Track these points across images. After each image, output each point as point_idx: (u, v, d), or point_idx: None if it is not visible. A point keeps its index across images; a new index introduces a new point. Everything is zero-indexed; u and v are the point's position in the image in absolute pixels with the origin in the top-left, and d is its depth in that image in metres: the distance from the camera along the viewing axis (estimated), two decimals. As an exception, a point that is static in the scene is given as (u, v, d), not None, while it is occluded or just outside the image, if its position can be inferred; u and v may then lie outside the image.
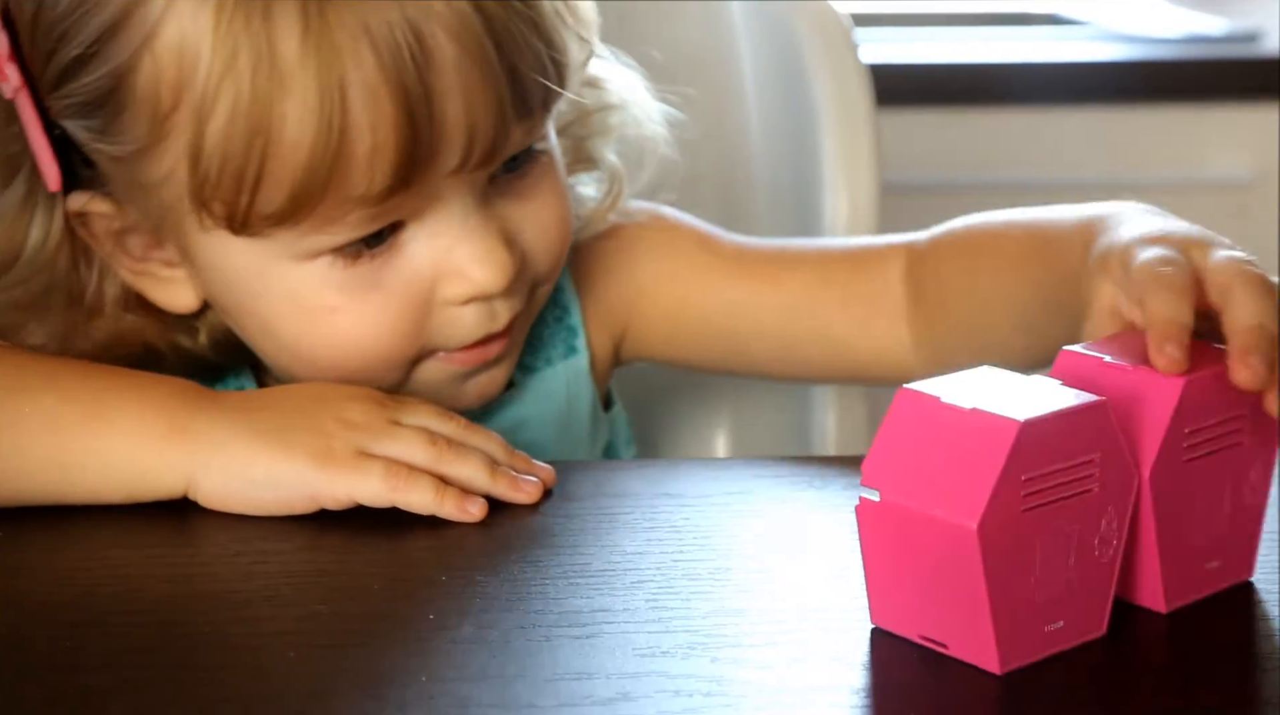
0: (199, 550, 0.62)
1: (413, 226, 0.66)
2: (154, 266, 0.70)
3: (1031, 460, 0.49)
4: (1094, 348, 0.56)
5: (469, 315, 0.68)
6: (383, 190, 0.63)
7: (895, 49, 1.73)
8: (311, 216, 0.63)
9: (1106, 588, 0.53)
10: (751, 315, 0.81)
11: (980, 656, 0.51)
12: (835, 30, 0.96)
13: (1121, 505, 0.52)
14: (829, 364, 0.82)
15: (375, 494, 0.62)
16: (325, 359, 0.68)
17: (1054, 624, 0.51)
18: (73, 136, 0.66)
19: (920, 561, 0.51)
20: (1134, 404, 0.53)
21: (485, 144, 0.64)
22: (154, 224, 0.67)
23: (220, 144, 0.62)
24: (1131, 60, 1.76)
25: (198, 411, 0.64)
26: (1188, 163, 1.74)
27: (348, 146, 0.61)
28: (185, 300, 0.70)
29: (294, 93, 0.61)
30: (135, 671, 0.51)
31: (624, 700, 0.49)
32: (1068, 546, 0.51)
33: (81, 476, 0.63)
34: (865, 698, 0.50)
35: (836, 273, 0.80)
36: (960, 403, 0.50)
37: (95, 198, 0.68)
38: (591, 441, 0.81)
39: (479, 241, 0.67)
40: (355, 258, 0.66)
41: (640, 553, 0.59)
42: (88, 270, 0.70)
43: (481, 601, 0.55)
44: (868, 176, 0.95)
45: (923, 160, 1.68)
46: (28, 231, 0.68)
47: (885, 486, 0.51)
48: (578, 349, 0.80)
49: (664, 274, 0.81)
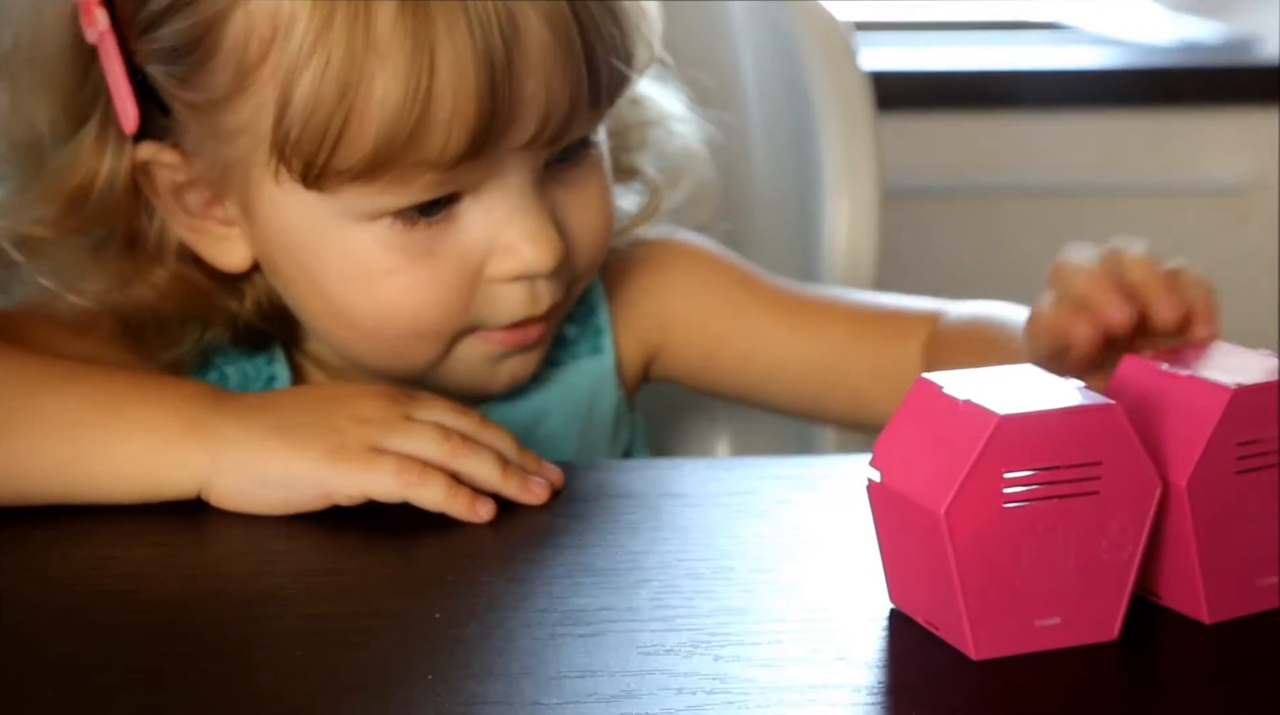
0: (207, 549, 0.62)
1: (469, 200, 0.68)
2: (210, 224, 0.71)
3: (1015, 455, 0.50)
4: (1156, 356, 0.56)
5: (514, 294, 0.70)
6: (455, 156, 0.64)
7: (896, 55, 1.73)
8: (385, 176, 0.65)
9: (1119, 592, 0.53)
10: (784, 367, 0.82)
11: (959, 640, 0.52)
12: (835, 37, 0.96)
13: (1139, 511, 0.52)
14: (856, 421, 0.84)
15: (388, 489, 0.62)
16: (373, 322, 0.69)
17: (1048, 620, 0.52)
18: (154, 82, 0.68)
19: (913, 543, 0.52)
20: (1181, 411, 0.53)
21: (557, 124, 0.66)
22: (219, 176, 0.69)
23: (308, 101, 0.63)
24: (1130, 66, 1.77)
25: (213, 411, 0.64)
26: (1186, 168, 1.75)
27: (430, 111, 0.63)
28: (237, 259, 0.71)
29: (386, 57, 0.63)
30: (143, 670, 0.51)
31: (628, 698, 0.49)
32: (1063, 545, 0.51)
33: (95, 474, 0.64)
34: (868, 696, 0.50)
35: (869, 336, 0.81)
36: (957, 394, 0.51)
37: (164, 148, 0.69)
38: (612, 442, 0.82)
39: (532, 220, 0.68)
40: (413, 223, 0.67)
41: (644, 552, 0.60)
42: (148, 219, 0.71)
43: (487, 600, 0.56)
44: (869, 183, 0.95)
45: (923, 166, 1.68)
46: (96, 174, 0.69)
47: (886, 469, 0.53)
48: (603, 348, 0.81)
49: (703, 308, 0.82)
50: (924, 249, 0.88)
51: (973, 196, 1.73)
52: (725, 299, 0.83)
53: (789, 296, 0.83)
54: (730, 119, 0.98)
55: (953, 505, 0.50)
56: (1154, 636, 0.54)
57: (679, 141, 0.80)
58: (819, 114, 0.95)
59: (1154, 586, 0.55)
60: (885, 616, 0.55)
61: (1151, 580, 0.55)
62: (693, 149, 0.81)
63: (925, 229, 1.63)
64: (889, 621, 0.54)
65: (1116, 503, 0.52)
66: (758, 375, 0.83)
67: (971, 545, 0.50)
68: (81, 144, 0.69)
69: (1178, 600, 0.55)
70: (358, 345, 0.72)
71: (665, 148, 0.80)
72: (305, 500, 0.63)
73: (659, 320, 0.83)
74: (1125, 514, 0.52)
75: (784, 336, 0.82)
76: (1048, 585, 0.52)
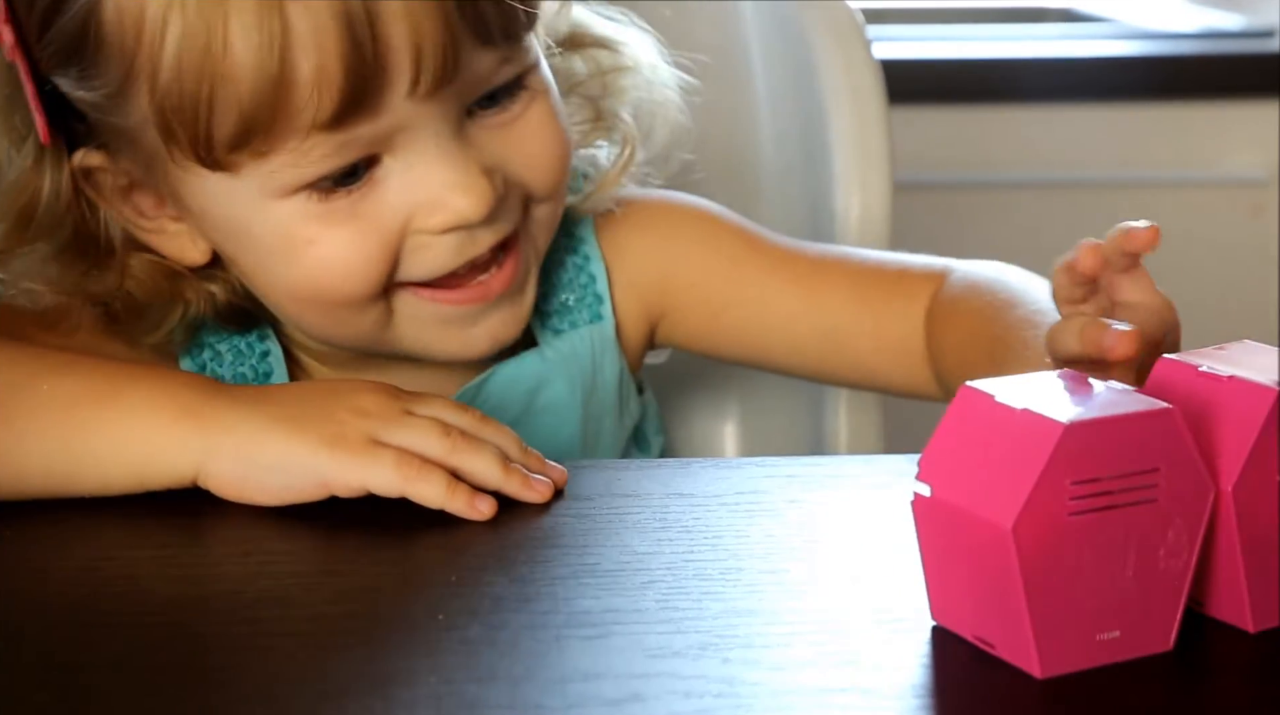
0: (208, 550, 0.62)
1: (388, 161, 0.68)
2: (164, 222, 0.72)
3: (1080, 464, 0.48)
4: (1191, 356, 0.55)
5: (445, 243, 0.70)
6: (333, 115, 0.64)
7: (908, 46, 1.72)
8: (273, 146, 0.65)
9: (1174, 601, 0.51)
10: (789, 329, 0.82)
11: (1022, 659, 0.50)
12: (847, 27, 0.95)
13: (1193, 517, 0.51)
14: (860, 381, 0.85)
15: (387, 483, 0.62)
16: (307, 294, 0.70)
17: (1108, 633, 0.50)
18: (62, 90, 0.68)
19: (966, 558, 0.51)
20: (1223, 414, 0.52)
21: (435, 66, 0.65)
22: (145, 173, 0.70)
23: (173, 69, 0.64)
24: (1147, 56, 1.76)
25: (210, 398, 0.64)
26: (1203, 160, 1.74)
27: (290, 69, 0.63)
28: (197, 253, 0.72)
29: (234, 16, 0.63)
30: (143, 672, 0.51)
31: (634, 701, 0.48)
32: (1123, 555, 0.50)
33: (91, 458, 0.63)
34: (879, 700, 0.49)
35: (873, 299, 0.81)
36: (1013, 403, 0.50)
37: (90, 152, 0.70)
38: (619, 415, 0.82)
39: (455, 169, 0.68)
40: (330, 193, 0.68)
41: (651, 553, 0.59)
42: (96, 221, 0.72)
43: (491, 602, 0.55)
44: (880, 174, 0.95)
45: (936, 158, 1.68)
46: (40, 189, 0.70)
47: (936, 482, 0.51)
48: (603, 316, 0.81)
49: (707, 269, 0.83)
50: (937, 243, 0.87)
51: (987, 190, 1.72)
52: (729, 259, 0.83)
53: (794, 256, 0.83)
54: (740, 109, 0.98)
55: (1021, 518, 0.48)
56: (1204, 645, 0.52)
57: (654, 87, 0.80)
58: (830, 105, 0.94)
59: (1196, 594, 0.54)
60: (895, 619, 0.54)
61: (1195, 588, 0.53)
62: (666, 94, 0.81)
63: (937, 222, 1.62)
64: (899, 624, 0.54)
65: (1172, 509, 0.50)
66: (762, 337, 0.83)
67: (1036, 559, 0.49)
68: (24, 162, 0.70)
69: (1221, 608, 0.53)
70: (307, 319, 0.73)
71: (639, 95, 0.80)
72: (302, 489, 0.62)
73: (662, 283, 0.83)
74: (1180, 521, 0.51)
75: (789, 298, 0.82)
76: (1108, 597, 0.50)
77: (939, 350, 0.79)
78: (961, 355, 0.77)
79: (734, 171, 1.00)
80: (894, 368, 0.81)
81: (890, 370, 0.81)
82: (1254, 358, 0.55)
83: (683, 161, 0.82)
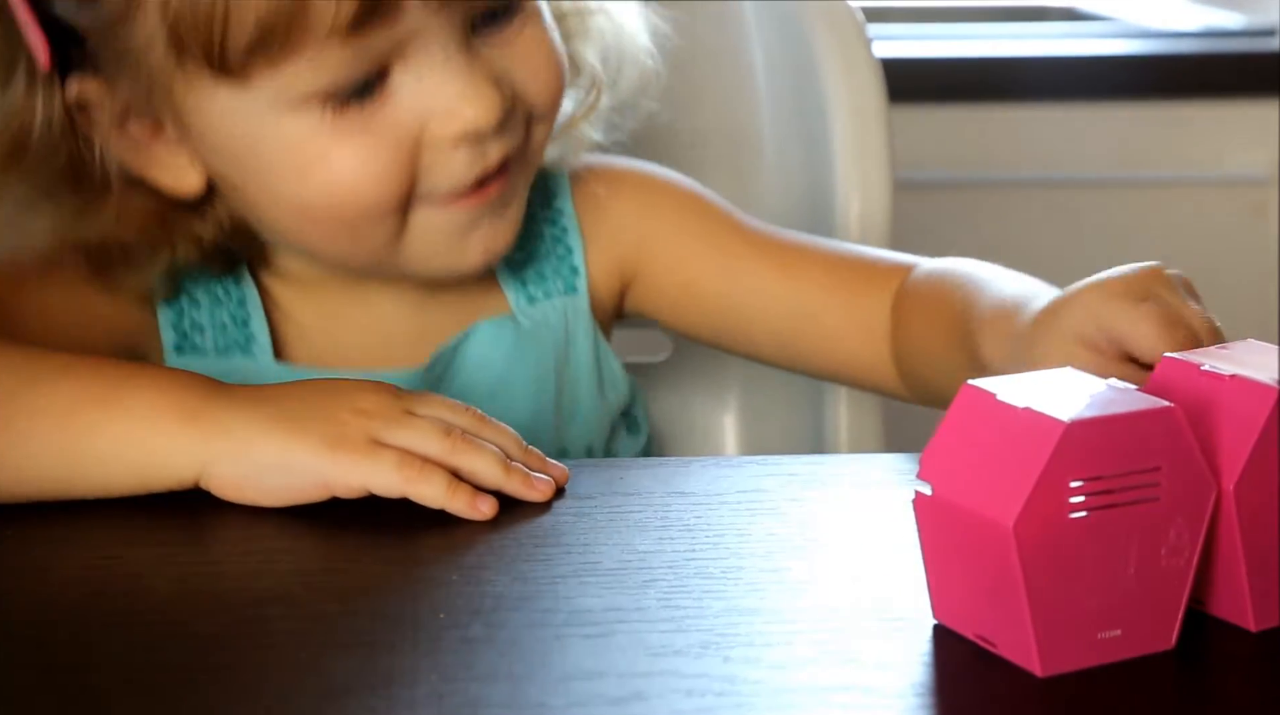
0: (209, 549, 0.62)
1: (399, 72, 0.68)
2: (159, 152, 0.72)
3: (1081, 463, 0.48)
4: (1193, 354, 0.55)
5: (460, 156, 0.70)
6: (351, 19, 0.65)
7: (909, 44, 1.72)
8: (289, 54, 0.65)
9: (1176, 600, 0.51)
10: (760, 307, 0.83)
11: (1023, 657, 0.50)
12: (848, 25, 0.95)
13: (1195, 516, 0.51)
14: (825, 366, 0.85)
15: (388, 483, 0.62)
16: (322, 209, 0.70)
17: (1109, 632, 0.50)
18: (60, 16, 0.68)
19: (967, 557, 0.51)
20: (1225, 413, 0.52)
21: None
22: (145, 97, 0.69)
23: None
24: (1148, 55, 1.75)
25: (210, 400, 0.64)
26: (1206, 159, 1.73)
27: None
28: (192, 182, 0.72)
29: None
30: (145, 671, 0.51)
31: (636, 700, 0.48)
32: (1125, 554, 0.50)
33: (92, 461, 0.63)
34: (880, 698, 0.49)
35: (843, 285, 0.82)
36: (1014, 401, 0.50)
37: (88, 79, 0.70)
38: (598, 388, 0.82)
39: (465, 79, 0.69)
40: (344, 105, 0.68)
41: (652, 551, 0.59)
42: (90, 153, 0.71)
43: (492, 601, 0.55)
44: (880, 173, 0.95)
45: (936, 156, 1.68)
46: (33, 118, 0.70)
47: (937, 480, 0.51)
48: (578, 289, 0.82)
49: (684, 240, 0.84)
50: (937, 242, 0.87)
51: (988, 189, 1.72)
52: (706, 233, 0.84)
53: (769, 238, 0.84)
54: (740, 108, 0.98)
55: (1021, 517, 0.48)
56: (1205, 644, 0.52)
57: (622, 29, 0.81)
58: (831, 104, 0.94)
59: (1197, 593, 0.53)
60: (897, 617, 0.54)
61: (1196, 587, 0.53)
62: (634, 37, 0.81)
63: (938, 222, 1.62)
64: (900, 622, 0.54)
65: (1174, 508, 0.50)
66: (734, 314, 0.84)
67: (1038, 558, 0.49)
68: (14, 91, 0.70)
69: (1223, 607, 0.53)
70: (317, 238, 0.72)
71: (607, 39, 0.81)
72: (303, 489, 0.62)
73: (637, 249, 0.84)
74: (1182, 520, 0.51)
75: (763, 276, 0.83)
76: (1110, 596, 0.50)
77: (904, 332, 0.80)
78: (924, 335, 0.78)
79: (734, 169, 1.00)
80: (862, 349, 0.82)
81: (857, 349, 0.82)
82: (1256, 356, 0.55)
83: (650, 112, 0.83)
